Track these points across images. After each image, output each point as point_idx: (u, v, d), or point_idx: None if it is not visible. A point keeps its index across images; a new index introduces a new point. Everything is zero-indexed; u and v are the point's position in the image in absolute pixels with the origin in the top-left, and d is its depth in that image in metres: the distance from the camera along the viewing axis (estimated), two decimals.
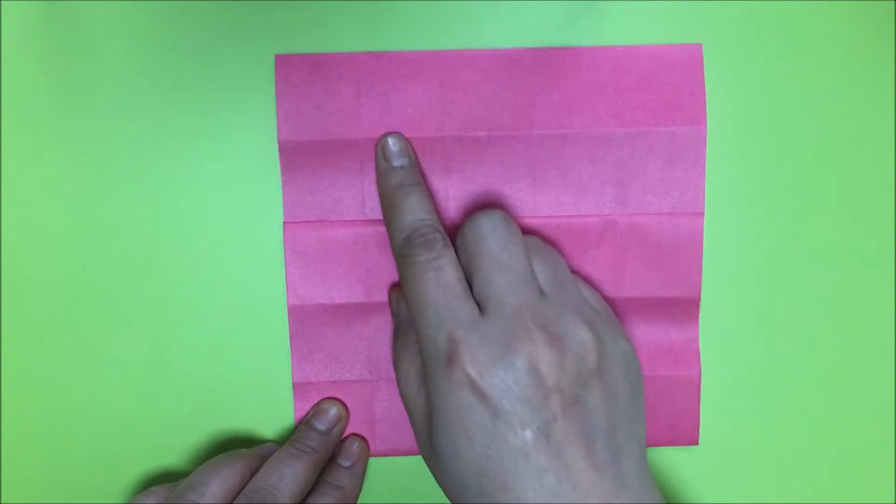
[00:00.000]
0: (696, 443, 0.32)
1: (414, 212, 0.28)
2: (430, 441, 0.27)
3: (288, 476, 0.28)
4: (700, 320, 0.32)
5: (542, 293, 0.27)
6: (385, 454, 0.32)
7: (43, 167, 0.31)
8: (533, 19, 0.31)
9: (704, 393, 0.32)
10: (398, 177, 0.30)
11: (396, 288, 0.31)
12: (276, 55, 0.28)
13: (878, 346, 0.32)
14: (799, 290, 0.32)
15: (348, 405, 0.32)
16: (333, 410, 0.31)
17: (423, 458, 0.28)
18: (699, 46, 0.31)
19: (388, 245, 0.31)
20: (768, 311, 0.32)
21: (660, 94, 0.31)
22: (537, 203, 0.31)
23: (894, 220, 0.32)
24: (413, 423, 0.28)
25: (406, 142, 0.30)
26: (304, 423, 0.31)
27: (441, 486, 0.27)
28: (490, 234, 0.27)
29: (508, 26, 0.31)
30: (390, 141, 0.30)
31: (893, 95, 0.31)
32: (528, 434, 0.24)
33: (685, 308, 0.32)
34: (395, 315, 0.31)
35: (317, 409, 0.31)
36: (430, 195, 0.30)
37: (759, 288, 0.32)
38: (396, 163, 0.30)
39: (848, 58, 0.31)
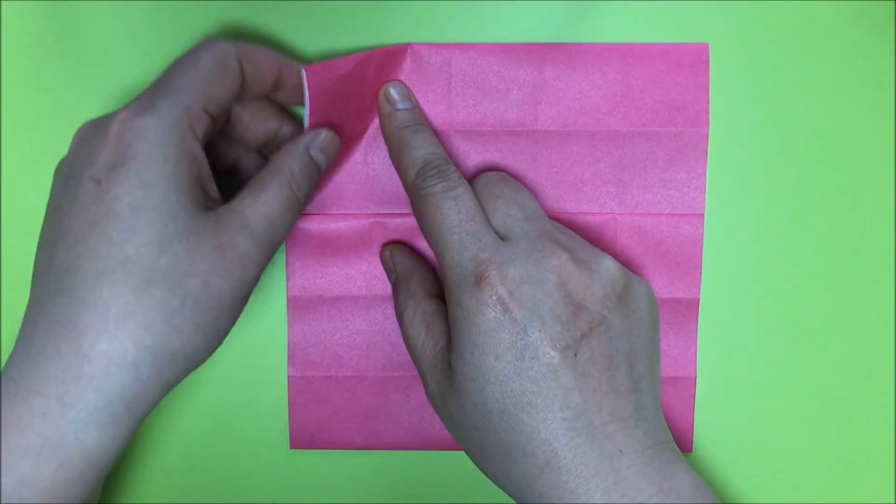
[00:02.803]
0: (689, 450, 0.32)
1: (424, 146, 0.29)
2: (448, 373, 0.27)
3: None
4: (698, 323, 0.32)
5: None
6: (381, 448, 0.32)
7: (43, 167, 0.31)
8: (540, 17, 0.31)
9: (700, 397, 0.32)
10: (404, 117, 0.30)
11: (388, 245, 0.31)
12: (304, 68, 0.27)
13: (877, 350, 0.32)
14: (799, 294, 0.32)
15: (344, 399, 0.32)
16: (331, 137, 0.29)
17: (434, 399, 0.28)
18: (706, 46, 0.31)
19: (389, 239, 0.32)
20: (767, 314, 0.32)
21: (664, 95, 0.31)
22: (538, 200, 0.31)
23: (895, 225, 0.32)
24: (422, 367, 0.28)
25: (407, 88, 0.30)
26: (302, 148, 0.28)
27: (454, 424, 0.27)
28: (501, 181, 0.28)
29: (516, 23, 0.31)
30: (392, 87, 0.30)
31: None
32: (557, 351, 0.25)
33: (684, 310, 0.32)
34: (391, 270, 0.31)
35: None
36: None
37: (759, 291, 0.32)
38: (401, 105, 0.30)
39: (851, 63, 0.31)
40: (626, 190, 0.31)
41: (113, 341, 0.23)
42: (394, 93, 0.30)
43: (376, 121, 0.31)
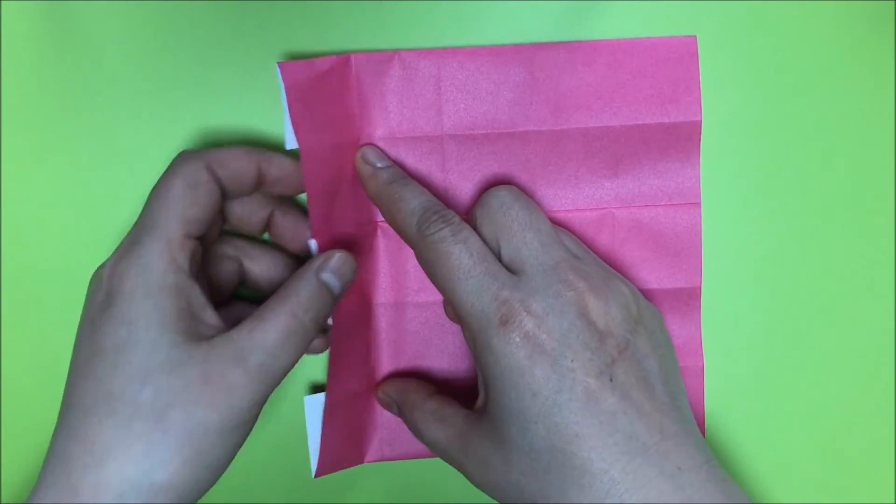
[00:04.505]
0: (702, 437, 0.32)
1: (418, 196, 0.28)
2: (481, 439, 0.26)
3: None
4: (701, 311, 0.32)
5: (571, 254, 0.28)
6: (393, 458, 0.32)
7: (43, 167, 0.31)
8: (530, 16, 0.31)
9: (707, 386, 0.32)
10: (388, 174, 0.29)
11: (378, 386, 0.31)
12: (278, 63, 0.28)
13: (879, 338, 0.32)
14: (799, 281, 0.32)
15: (352, 412, 0.31)
16: (346, 258, 0.28)
17: (476, 475, 0.27)
18: (694, 38, 0.31)
19: (389, 248, 0.31)
20: (769, 301, 0.32)
21: (655, 88, 0.31)
22: (535, 199, 0.31)
23: (893, 209, 0.32)
24: (454, 456, 0.27)
25: (382, 151, 0.31)
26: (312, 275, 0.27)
27: (500, 489, 0.26)
28: (515, 202, 0.28)
29: (506, 24, 0.31)
30: (367, 150, 0.30)
31: (891, 86, 0.32)
32: (593, 377, 0.24)
33: (686, 299, 0.32)
34: (391, 404, 0.31)
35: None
36: None
37: (760, 278, 0.32)
38: (380, 164, 0.30)
39: (841, 47, 0.32)
40: (621, 184, 0.31)
41: (99, 474, 0.23)
42: (370, 155, 0.30)
43: (368, 130, 0.31)
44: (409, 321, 0.32)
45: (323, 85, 0.29)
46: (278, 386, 0.26)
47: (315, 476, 0.30)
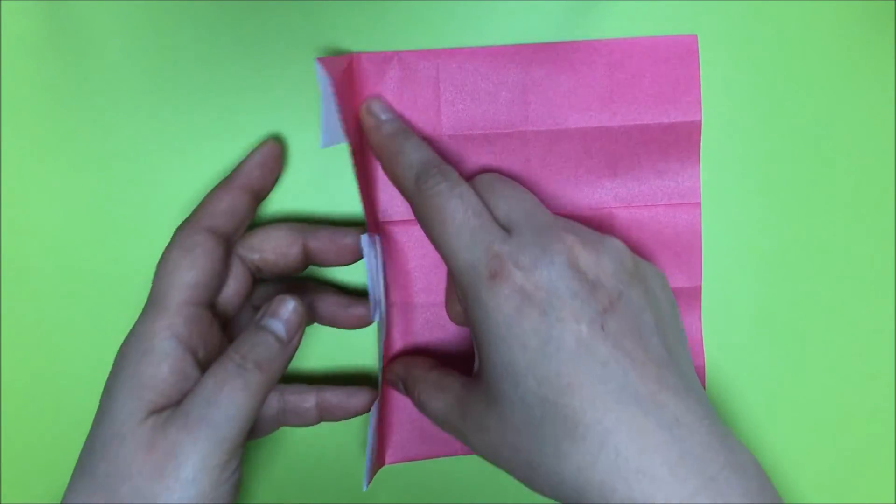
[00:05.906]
0: None
1: (418, 150, 0.28)
2: (478, 402, 0.26)
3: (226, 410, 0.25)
4: (702, 311, 0.32)
5: None
6: (401, 461, 0.32)
7: (43, 167, 0.31)
8: (529, 17, 0.31)
9: (707, 386, 0.32)
10: (391, 126, 0.29)
11: (387, 367, 0.31)
12: (316, 59, 0.27)
13: (879, 335, 0.32)
14: (800, 281, 0.32)
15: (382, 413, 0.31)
16: (292, 305, 0.27)
17: (476, 441, 0.26)
18: (694, 38, 0.31)
19: (390, 249, 0.31)
20: (769, 300, 0.32)
21: (655, 87, 0.31)
22: None
23: (893, 209, 0.32)
24: (455, 424, 0.27)
25: (388, 103, 0.30)
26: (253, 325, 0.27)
27: (496, 450, 0.25)
28: (498, 180, 0.28)
29: (505, 24, 0.31)
30: (372, 102, 0.30)
31: (891, 86, 0.32)
32: (584, 326, 0.24)
33: (687, 299, 0.32)
34: (397, 382, 0.31)
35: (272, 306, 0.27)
36: None
37: (760, 278, 0.32)
38: (384, 116, 0.30)
39: (841, 47, 0.32)
40: (620, 184, 0.31)
41: None
42: (375, 107, 0.30)
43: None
44: (411, 321, 0.32)
45: (340, 82, 0.29)
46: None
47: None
